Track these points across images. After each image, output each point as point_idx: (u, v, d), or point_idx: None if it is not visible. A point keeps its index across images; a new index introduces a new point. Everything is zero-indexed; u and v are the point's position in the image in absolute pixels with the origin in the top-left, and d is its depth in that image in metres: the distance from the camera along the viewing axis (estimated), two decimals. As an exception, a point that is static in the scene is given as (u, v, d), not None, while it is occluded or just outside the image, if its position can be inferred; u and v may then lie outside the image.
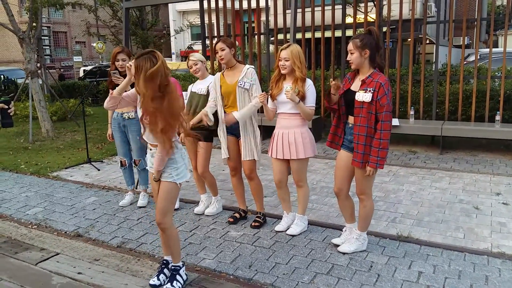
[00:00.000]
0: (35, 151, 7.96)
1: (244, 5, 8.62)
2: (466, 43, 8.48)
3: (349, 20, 9.57)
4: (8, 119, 3.16)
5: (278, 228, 4.05)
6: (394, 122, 6.74)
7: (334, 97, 3.43)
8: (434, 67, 7.47)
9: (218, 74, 4.12)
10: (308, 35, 8.09)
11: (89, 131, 9.08)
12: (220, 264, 3.48)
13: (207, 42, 8.94)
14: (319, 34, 7.93)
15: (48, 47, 30.43)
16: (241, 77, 3.92)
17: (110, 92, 3.16)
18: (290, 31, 7.21)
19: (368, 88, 3.23)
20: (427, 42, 14.94)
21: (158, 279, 3.16)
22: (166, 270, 3.20)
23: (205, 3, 8.72)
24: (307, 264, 3.43)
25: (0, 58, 29.92)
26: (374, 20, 8.23)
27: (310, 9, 7.83)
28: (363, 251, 3.58)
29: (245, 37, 9.64)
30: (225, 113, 4.10)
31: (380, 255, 3.54)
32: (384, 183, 5.34)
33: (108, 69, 4.94)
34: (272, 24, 8.56)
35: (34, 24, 9.78)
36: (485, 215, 4.31)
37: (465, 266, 3.32)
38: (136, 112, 3.77)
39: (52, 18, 32.41)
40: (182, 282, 3.14)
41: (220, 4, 8.55)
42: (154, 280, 3.17)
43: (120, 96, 3.05)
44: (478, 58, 7.30)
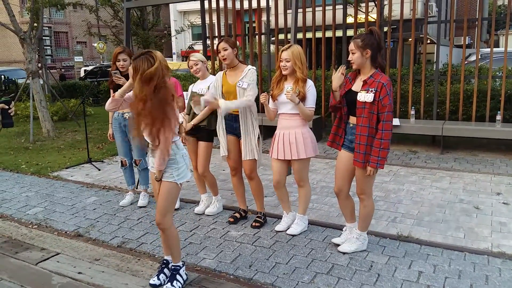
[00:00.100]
0: (35, 151, 7.97)
1: (245, 5, 8.62)
2: (467, 43, 8.47)
3: (350, 20, 9.55)
4: (9, 119, 3.16)
5: (278, 228, 4.05)
6: (395, 121, 6.74)
7: (336, 93, 3.42)
8: (435, 67, 7.46)
9: (221, 73, 4.12)
10: (309, 35, 8.09)
11: (89, 131, 9.09)
12: (220, 264, 3.48)
13: (208, 42, 8.95)
14: (320, 34, 7.93)
15: (49, 47, 30.50)
16: (241, 77, 3.92)
17: (112, 93, 3.16)
18: (291, 31, 7.20)
19: (370, 89, 3.22)
20: (428, 42, 14.94)
21: (158, 279, 3.17)
22: (166, 270, 3.20)
23: (206, 3, 8.73)
24: (307, 264, 3.43)
25: (1, 58, 29.96)
26: (375, 20, 8.23)
27: (311, 9, 7.82)
28: (363, 251, 3.58)
29: (246, 37, 9.63)
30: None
31: (380, 254, 3.54)
32: (385, 183, 5.34)
33: (109, 69, 4.95)
34: (273, 24, 8.55)
35: (35, 24, 9.79)
36: (485, 214, 4.30)
37: (465, 266, 3.32)
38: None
39: (53, 18, 32.48)
40: (182, 282, 3.14)
41: (221, 4, 8.55)
42: (154, 280, 3.17)
43: (121, 98, 3.05)
44: (479, 58, 7.29)
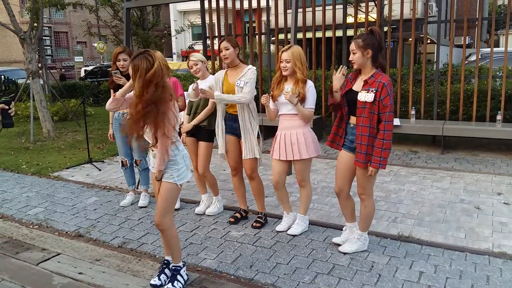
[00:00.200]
0: (36, 151, 7.96)
1: (245, 5, 8.61)
2: (467, 43, 8.47)
3: (350, 20, 9.55)
4: (9, 119, 3.16)
5: (279, 228, 4.05)
6: (395, 121, 6.73)
7: (336, 94, 3.42)
8: (435, 66, 7.46)
9: (222, 71, 4.12)
10: (309, 35, 8.09)
11: (90, 131, 9.09)
12: (221, 264, 3.48)
13: (208, 42, 8.94)
14: (320, 34, 7.93)
15: (49, 47, 30.51)
16: (240, 76, 3.92)
17: (112, 93, 3.16)
18: (291, 31, 7.19)
19: (371, 88, 3.22)
20: (428, 41, 14.93)
21: (159, 279, 3.16)
22: (167, 270, 3.20)
23: (206, 3, 8.72)
24: (308, 264, 3.42)
25: (1, 58, 29.97)
26: (375, 20, 8.23)
27: (311, 9, 7.82)
28: (364, 251, 3.57)
29: (246, 37, 9.63)
30: (227, 113, 4.11)
31: (381, 255, 3.54)
32: (385, 183, 5.34)
33: (109, 69, 4.95)
34: (273, 24, 8.55)
35: (35, 24, 9.79)
36: (486, 215, 4.30)
37: (466, 266, 3.32)
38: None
39: (53, 18, 32.49)
40: (183, 282, 3.14)
41: (221, 4, 8.55)
42: (155, 280, 3.17)
43: (122, 98, 3.05)
44: (479, 57, 7.29)
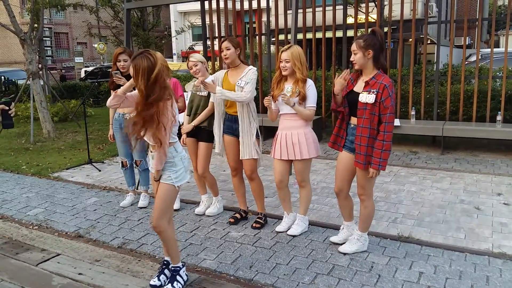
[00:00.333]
0: (36, 152, 7.97)
1: (245, 5, 8.62)
2: (467, 43, 8.47)
3: (350, 20, 9.55)
4: (9, 120, 3.16)
5: (278, 228, 4.05)
6: (395, 122, 6.73)
7: (338, 97, 3.42)
8: (435, 67, 7.47)
9: (223, 71, 4.12)
10: (309, 35, 8.09)
11: (90, 132, 9.09)
12: (220, 265, 3.48)
13: (208, 42, 8.95)
14: (320, 35, 7.93)
15: (49, 48, 30.53)
16: (241, 76, 3.92)
17: (114, 91, 3.16)
18: (291, 31, 7.20)
19: (372, 90, 3.21)
20: (428, 42, 14.93)
21: (159, 280, 3.16)
22: (166, 271, 3.20)
23: (206, 4, 8.73)
24: (308, 265, 3.42)
25: (2, 59, 30.01)
26: (375, 21, 8.23)
27: (311, 9, 7.82)
28: (364, 252, 3.57)
29: (246, 37, 9.63)
30: (226, 113, 4.11)
31: (381, 255, 3.53)
32: (385, 184, 5.34)
33: (110, 70, 4.95)
34: (273, 25, 8.56)
35: (36, 25, 9.81)
36: (486, 215, 4.30)
37: (466, 267, 3.32)
38: None
39: (54, 19, 32.52)
40: (183, 283, 3.14)
41: (221, 4, 8.55)
42: (154, 281, 3.16)
43: (124, 95, 3.05)
44: (480, 58, 7.29)
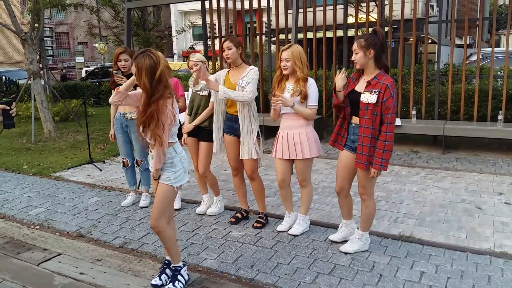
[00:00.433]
0: (37, 151, 7.97)
1: (246, 5, 8.62)
2: (468, 43, 8.47)
3: (350, 20, 9.55)
4: (10, 120, 3.17)
5: (280, 228, 4.05)
6: (396, 122, 6.73)
7: (340, 94, 3.42)
8: (436, 66, 7.46)
9: (224, 70, 4.12)
10: (310, 35, 8.09)
11: (91, 132, 9.10)
12: (222, 264, 3.48)
13: (209, 42, 8.95)
14: (320, 34, 7.93)
15: (50, 48, 30.48)
16: (242, 76, 3.92)
17: (117, 88, 3.16)
18: (292, 31, 7.20)
19: (374, 90, 3.21)
20: (429, 41, 14.93)
21: (160, 279, 3.16)
22: (168, 270, 3.20)
23: (207, 4, 8.73)
24: (309, 264, 3.42)
25: (3, 59, 30.01)
26: (376, 20, 8.22)
27: (312, 9, 7.82)
28: (365, 251, 3.57)
29: (246, 37, 9.63)
30: (227, 113, 4.11)
31: (382, 255, 3.53)
32: (386, 183, 5.33)
33: (110, 69, 4.95)
34: (273, 24, 8.56)
35: (36, 25, 9.82)
36: (487, 214, 4.30)
37: (467, 266, 3.32)
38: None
39: (54, 19, 32.49)
40: (184, 282, 3.14)
41: (222, 4, 8.55)
42: (156, 280, 3.17)
43: (126, 92, 3.06)
44: (480, 57, 7.28)
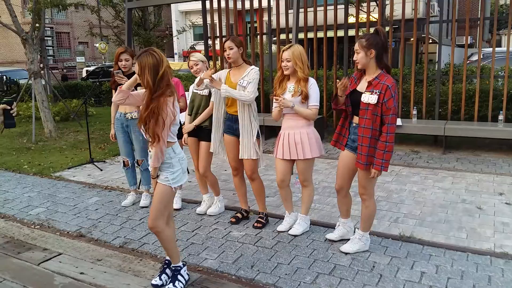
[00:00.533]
0: (38, 151, 7.98)
1: (247, 5, 8.62)
2: (469, 43, 8.46)
3: (351, 20, 9.54)
4: (11, 119, 3.17)
5: (280, 228, 4.05)
6: (397, 122, 6.72)
7: (341, 98, 3.42)
8: (436, 66, 7.45)
9: (225, 70, 4.13)
10: (311, 35, 8.08)
11: (91, 131, 9.10)
12: (222, 264, 3.48)
13: (210, 42, 8.94)
14: (321, 34, 7.93)
15: (51, 47, 30.41)
16: (243, 76, 3.92)
17: (114, 93, 3.17)
18: (293, 31, 7.20)
19: (375, 90, 3.20)
20: (430, 41, 14.91)
21: (160, 279, 3.16)
22: (168, 270, 3.20)
23: (207, 3, 8.73)
24: (309, 264, 3.42)
25: (3, 58, 30.01)
26: (376, 20, 8.22)
27: (313, 9, 7.81)
28: (365, 251, 3.57)
29: (247, 37, 9.63)
30: (227, 113, 4.11)
31: (383, 255, 3.53)
32: (387, 183, 5.33)
33: (111, 69, 4.95)
34: (274, 24, 8.55)
35: (37, 24, 9.82)
36: (488, 215, 4.29)
37: (467, 266, 3.31)
38: (139, 112, 3.76)
39: (55, 19, 32.47)
40: (184, 282, 3.14)
41: (223, 4, 8.55)
42: (156, 280, 3.17)
43: (128, 91, 3.07)
44: (481, 57, 7.28)
